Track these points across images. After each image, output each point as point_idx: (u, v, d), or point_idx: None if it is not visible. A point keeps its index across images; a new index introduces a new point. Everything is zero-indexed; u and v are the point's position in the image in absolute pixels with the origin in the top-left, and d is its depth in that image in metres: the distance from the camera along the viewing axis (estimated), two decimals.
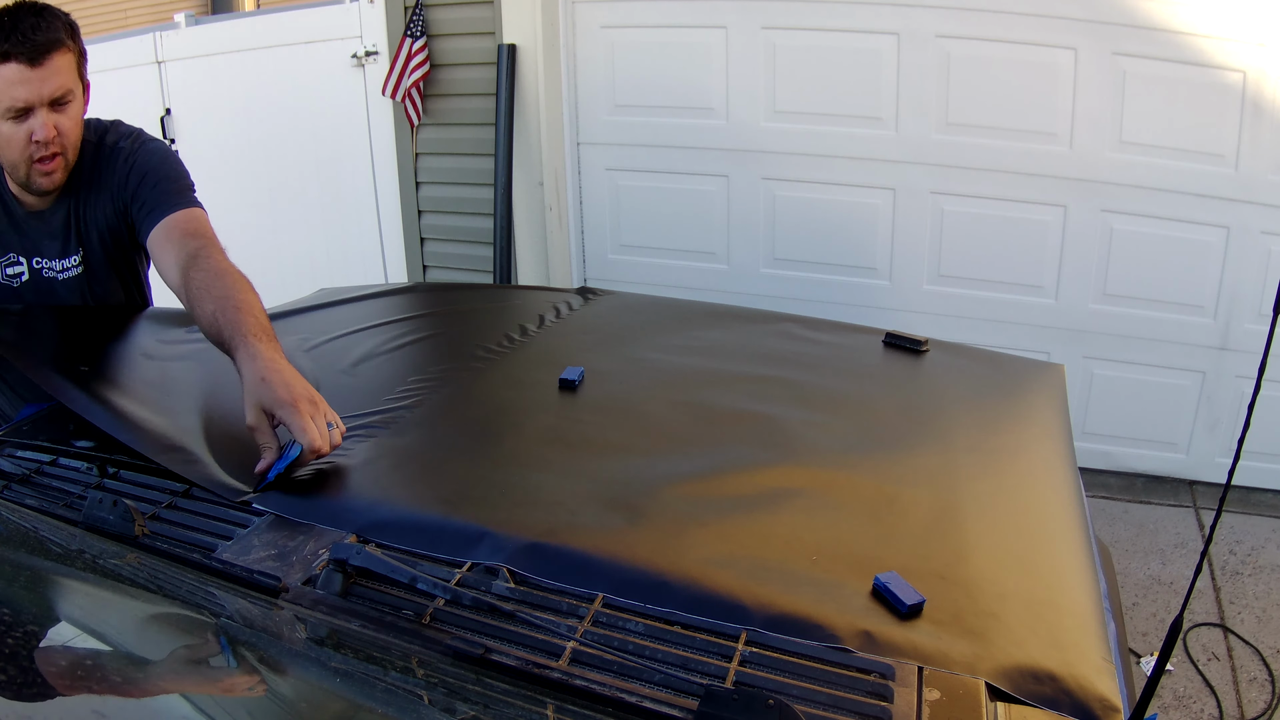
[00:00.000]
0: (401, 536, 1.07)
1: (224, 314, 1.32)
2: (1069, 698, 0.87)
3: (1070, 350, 3.21)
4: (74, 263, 1.66)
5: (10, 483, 1.18)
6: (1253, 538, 2.96)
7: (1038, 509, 1.25)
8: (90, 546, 1.02)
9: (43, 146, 1.48)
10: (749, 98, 3.30)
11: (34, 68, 1.43)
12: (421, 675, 0.86)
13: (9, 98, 1.43)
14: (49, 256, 1.64)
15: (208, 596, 0.95)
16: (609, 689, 0.84)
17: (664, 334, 1.79)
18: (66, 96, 1.50)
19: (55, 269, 1.64)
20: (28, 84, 1.43)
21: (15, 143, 1.47)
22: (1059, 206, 3.09)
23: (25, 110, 1.46)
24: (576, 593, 0.98)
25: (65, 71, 1.48)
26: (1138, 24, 2.83)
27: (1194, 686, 2.36)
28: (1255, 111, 2.81)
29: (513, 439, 1.38)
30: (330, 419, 1.21)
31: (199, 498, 1.16)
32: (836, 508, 1.18)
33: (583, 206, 3.67)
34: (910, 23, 3.04)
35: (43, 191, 1.56)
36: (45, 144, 1.48)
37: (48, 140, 1.48)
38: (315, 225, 4.09)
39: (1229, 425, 3.17)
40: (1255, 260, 2.95)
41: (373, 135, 3.81)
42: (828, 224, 3.35)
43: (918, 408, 1.53)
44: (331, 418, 1.21)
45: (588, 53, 3.46)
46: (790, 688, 0.85)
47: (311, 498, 1.15)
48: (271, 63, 3.86)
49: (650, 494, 1.18)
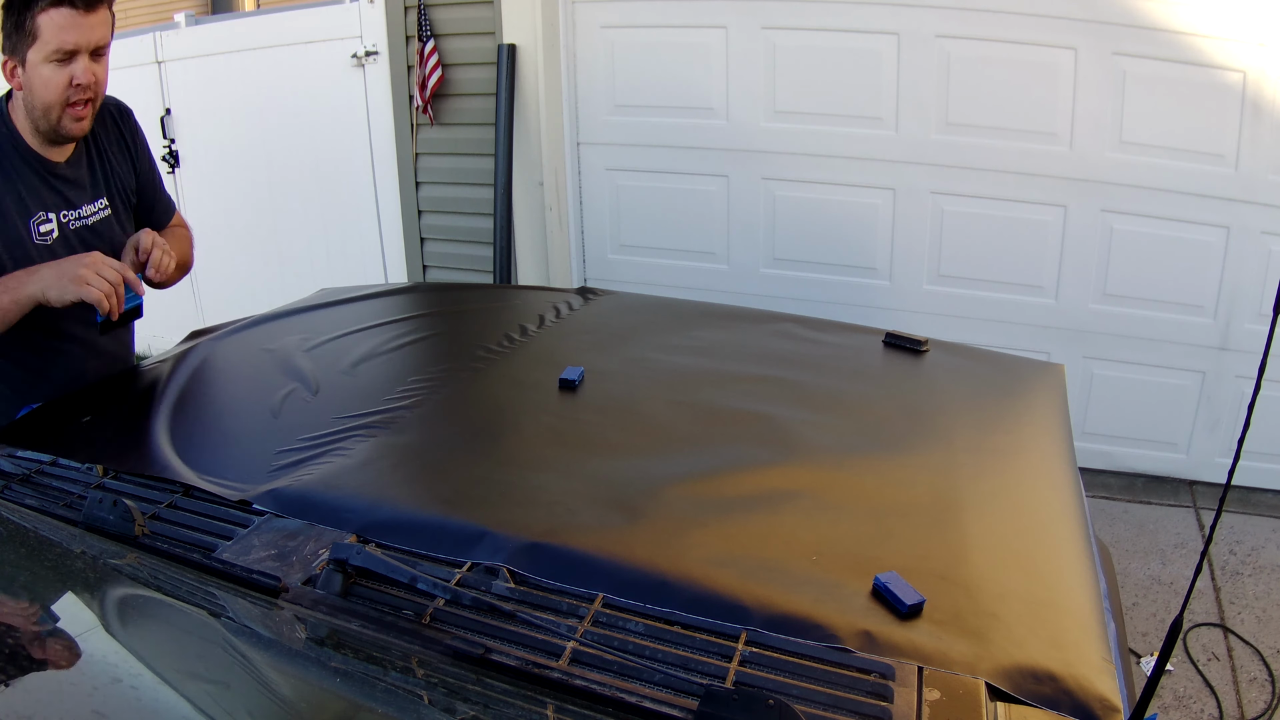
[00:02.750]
0: (401, 536, 1.07)
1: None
2: (1069, 698, 0.87)
3: (1070, 350, 3.21)
4: (101, 205, 1.72)
5: (10, 483, 1.18)
6: (1253, 538, 2.96)
7: (1038, 509, 1.25)
8: (90, 546, 1.02)
9: (81, 90, 1.54)
10: (749, 98, 3.30)
11: (85, 14, 1.51)
12: (421, 675, 0.86)
13: (58, 40, 1.50)
14: (79, 204, 1.68)
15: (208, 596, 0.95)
16: (609, 689, 0.84)
17: (664, 334, 1.79)
18: (105, 48, 1.57)
19: (86, 215, 1.69)
20: (78, 29, 1.50)
21: (55, 85, 1.53)
22: (1059, 206, 3.09)
23: (70, 54, 1.52)
24: (576, 593, 0.98)
25: (107, 24, 1.57)
26: (1138, 24, 2.83)
27: (1194, 686, 2.36)
28: (1255, 111, 2.81)
29: (513, 439, 1.38)
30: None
31: (199, 498, 1.16)
32: (836, 508, 1.18)
33: (583, 206, 3.67)
34: (910, 23, 3.04)
35: (70, 137, 1.62)
36: (84, 88, 1.54)
37: (87, 84, 1.55)
38: (315, 225, 4.09)
39: (1229, 425, 3.17)
40: (1255, 260, 2.95)
41: (373, 135, 3.81)
42: (828, 224, 3.35)
43: (918, 408, 1.53)
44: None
45: (588, 53, 3.46)
46: (790, 688, 0.85)
47: (311, 498, 1.15)
48: (271, 63, 3.86)
49: (650, 494, 1.17)
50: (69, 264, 1.50)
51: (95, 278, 1.48)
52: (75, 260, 1.51)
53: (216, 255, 4.22)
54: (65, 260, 1.52)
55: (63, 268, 1.50)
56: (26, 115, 1.58)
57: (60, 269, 1.49)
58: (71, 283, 1.47)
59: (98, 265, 1.49)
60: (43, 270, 1.50)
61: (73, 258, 1.52)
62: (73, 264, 1.50)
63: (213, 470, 1.22)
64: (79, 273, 1.48)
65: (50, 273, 1.49)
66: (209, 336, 1.76)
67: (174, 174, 4.09)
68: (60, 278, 1.48)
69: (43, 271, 1.50)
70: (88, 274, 1.48)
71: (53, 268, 1.50)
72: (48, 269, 1.50)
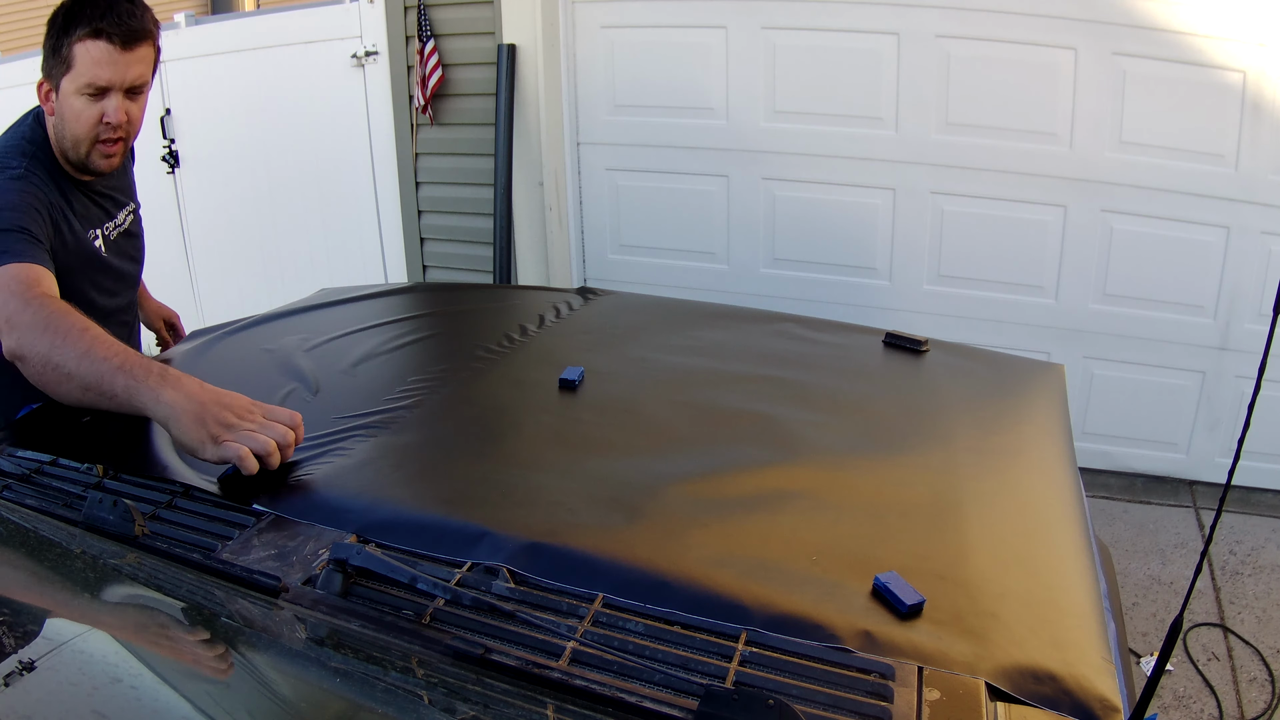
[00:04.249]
0: (401, 536, 1.07)
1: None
2: (1069, 698, 0.87)
3: (1070, 350, 3.21)
4: (129, 207, 1.72)
5: (10, 483, 1.18)
6: (1253, 538, 2.96)
7: (1038, 509, 1.25)
8: (90, 546, 1.02)
9: (111, 129, 1.50)
10: (749, 98, 3.30)
11: (123, 51, 1.45)
12: (421, 675, 0.86)
13: (92, 74, 1.45)
14: (115, 213, 1.67)
15: (208, 596, 0.95)
16: (609, 689, 0.84)
17: (664, 334, 1.79)
18: (143, 87, 1.53)
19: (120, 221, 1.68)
20: (114, 65, 1.45)
21: (86, 119, 1.48)
22: (1059, 206, 3.09)
23: (103, 90, 1.47)
24: (576, 593, 0.98)
25: (146, 62, 1.51)
26: (1138, 24, 2.83)
27: (1194, 686, 2.36)
28: (1255, 111, 2.81)
29: (513, 439, 1.38)
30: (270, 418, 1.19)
31: (199, 498, 1.16)
32: (836, 508, 1.18)
33: (583, 206, 3.67)
34: (910, 23, 3.04)
35: (98, 173, 1.57)
36: (114, 127, 1.50)
37: (117, 124, 1.50)
38: (315, 225, 4.09)
39: (1229, 425, 3.17)
40: (1255, 260, 2.95)
41: (373, 135, 3.81)
42: (828, 224, 3.35)
43: (918, 408, 1.53)
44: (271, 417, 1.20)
45: (588, 53, 3.46)
46: (790, 688, 0.85)
47: (311, 498, 1.15)
48: (271, 63, 3.86)
49: (650, 494, 1.17)
50: (214, 407, 1.17)
51: (258, 438, 1.15)
52: (225, 406, 1.18)
53: (216, 256, 4.23)
54: (214, 398, 1.19)
55: (206, 410, 1.17)
56: (58, 141, 1.53)
57: (202, 410, 1.17)
58: (212, 437, 1.15)
59: (257, 423, 1.18)
60: (180, 395, 1.18)
61: (226, 398, 1.19)
62: (221, 409, 1.17)
63: (213, 470, 1.22)
64: (227, 423, 1.16)
65: (188, 406, 1.17)
66: (209, 336, 1.76)
67: (174, 174, 4.09)
68: (197, 423, 1.16)
69: (180, 397, 1.18)
70: (240, 429, 1.16)
71: (193, 402, 1.18)
72: (186, 399, 1.18)
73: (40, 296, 1.30)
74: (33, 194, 1.44)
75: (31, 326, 1.26)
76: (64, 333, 1.25)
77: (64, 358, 1.23)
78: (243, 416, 1.18)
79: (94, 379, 1.22)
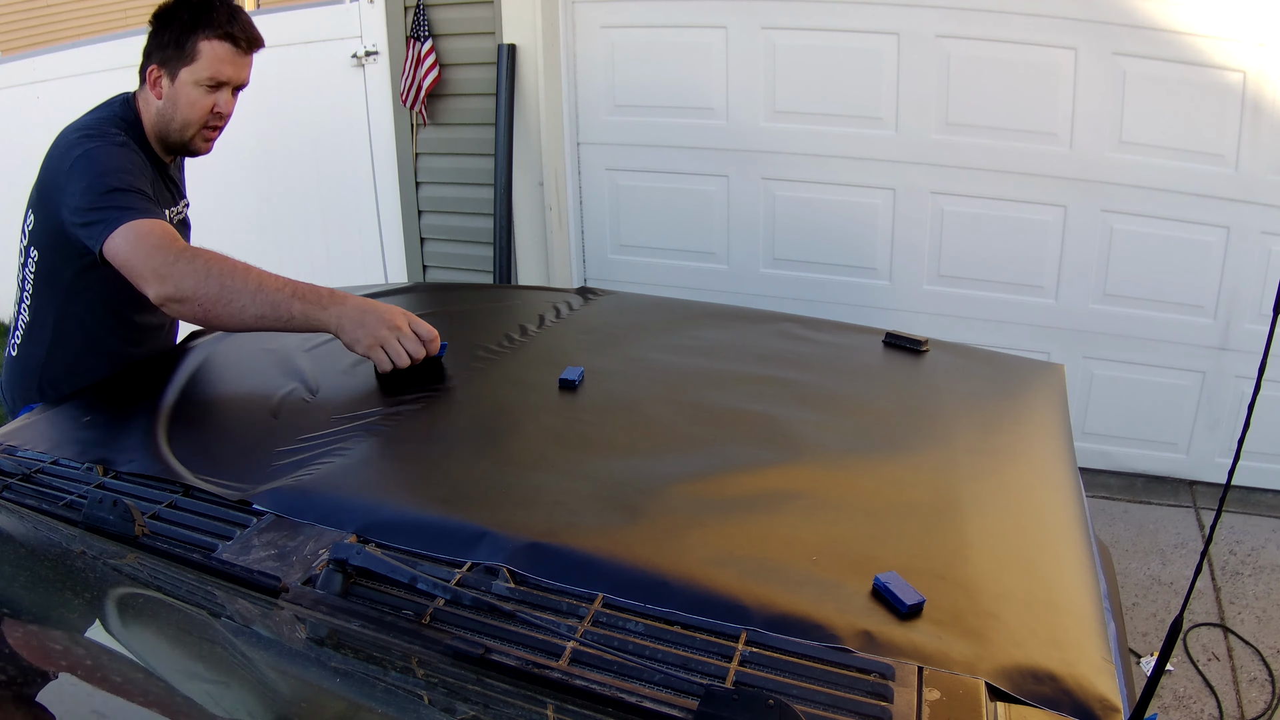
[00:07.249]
0: (401, 536, 1.07)
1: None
2: (1069, 698, 0.87)
3: (1070, 350, 3.21)
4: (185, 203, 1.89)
5: (10, 483, 1.18)
6: (1253, 538, 2.96)
7: (1037, 509, 1.25)
8: (90, 546, 1.02)
9: (218, 118, 1.71)
10: (749, 98, 3.30)
11: (243, 55, 1.68)
12: (421, 675, 0.86)
13: (215, 69, 1.65)
14: (177, 201, 1.84)
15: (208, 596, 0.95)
16: (609, 689, 0.84)
17: (664, 334, 1.79)
18: (244, 87, 1.74)
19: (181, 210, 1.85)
20: (235, 65, 1.68)
21: (199, 108, 1.67)
22: (1059, 206, 3.09)
23: (220, 85, 1.67)
24: (576, 593, 0.98)
25: (252, 68, 1.73)
26: (1138, 24, 2.83)
27: (1194, 686, 2.36)
28: (1255, 111, 2.81)
29: (513, 439, 1.38)
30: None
31: (199, 498, 1.16)
32: (836, 508, 1.18)
33: (583, 206, 3.67)
34: (910, 23, 3.04)
35: (195, 154, 1.78)
36: (221, 116, 1.71)
37: (226, 115, 1.72)
38: (315, 225, 4.08)
39: (1229, 425, 3.17)
40: (1255, 260, 2.95)
41: (373, 135, 3.81)
42: (827, 224, 3.35)
43: (918, 408, 1.53)
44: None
45: (588, 53, 3.46)
46: (790, 688, 0.85)
47: (311, 498, 1.15)
48: (271, 63, 3.85)
49: (650, 494, 1.18)
50: (373, 316, 1.49)
51: (396, 348, 1.47)
52: (381, 318, 1.49)
53: None
54: (372, 309, 1.50)
55: (366, 317, 1.48)
56: (157, 124, 1.69)
57: (363, 317, 1.48)
58: (367, 342, 1.47)
59: (402, 334, 1.48)
60: (347, 308, 1.49)
61: (382, 310, 1.50)
62: (377, 320, 1.48)
63: (212, 470, 1.22)
64: (380, 334, 1.47)
65: (353, 315, 1.48)
66: (209, 336, 1.77)
67: None
68: (359, 327, 1.47)
69: (347, 309, 1.49)
70: (389, 340, 1.47)
71: (357, 311, 1.49)
72: (352, 309, 1.49)
73: (185, 247, 1.48)
74: (138, 160, 1.61)
75: (192, 274, 1.44)
76: (229, 274, 1.46)
77: (236, 294, 1.45)
78: (393, 325, 1.48)
79: (269, 308, 1.46)
